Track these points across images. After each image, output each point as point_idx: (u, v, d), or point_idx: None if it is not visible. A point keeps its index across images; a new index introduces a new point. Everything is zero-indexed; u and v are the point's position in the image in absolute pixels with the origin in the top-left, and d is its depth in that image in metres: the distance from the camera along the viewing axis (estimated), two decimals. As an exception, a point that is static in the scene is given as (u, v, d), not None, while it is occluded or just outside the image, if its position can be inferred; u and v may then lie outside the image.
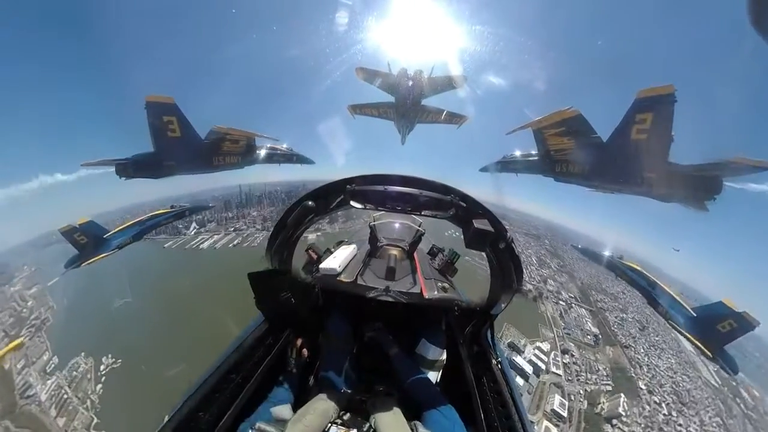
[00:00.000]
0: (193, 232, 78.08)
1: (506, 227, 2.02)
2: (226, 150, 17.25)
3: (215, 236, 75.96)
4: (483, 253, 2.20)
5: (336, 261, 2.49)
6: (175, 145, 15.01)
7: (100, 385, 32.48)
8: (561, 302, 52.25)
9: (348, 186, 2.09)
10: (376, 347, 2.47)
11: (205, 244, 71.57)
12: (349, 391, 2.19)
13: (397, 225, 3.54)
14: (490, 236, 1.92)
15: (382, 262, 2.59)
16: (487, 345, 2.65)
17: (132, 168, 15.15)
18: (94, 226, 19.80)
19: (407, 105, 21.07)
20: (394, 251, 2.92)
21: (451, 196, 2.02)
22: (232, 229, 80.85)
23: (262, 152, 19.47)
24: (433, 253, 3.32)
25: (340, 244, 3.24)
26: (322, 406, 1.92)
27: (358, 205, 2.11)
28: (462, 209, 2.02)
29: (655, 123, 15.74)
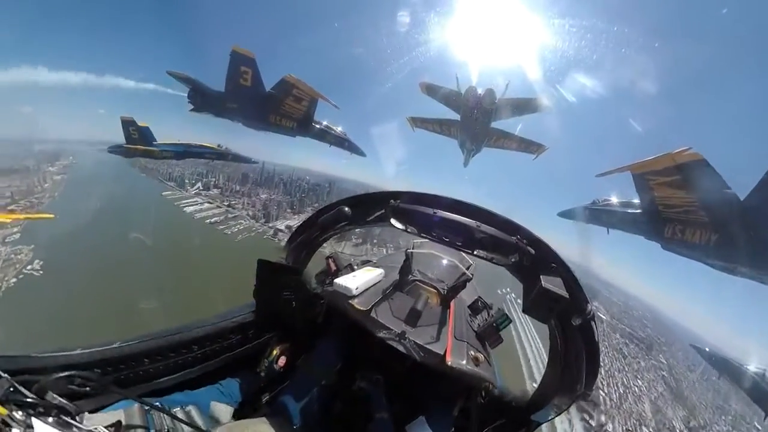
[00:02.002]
0: (193, 192, 77.39)
1: (588, 297, 1.67)
2: (286, 109, 19.32)
3: (205, 204, 72.62)
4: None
5: (354, 281, 2.12)
6: (243, 92, 18.01)
7: (15, 279, 34.71)
8: None
9: (392, 201, 1.93)
10: (361, 401, 2.09)
11: (190, 209, 69.45)
12: (300, 429, 1.88)
13: (439, 260, 2.97)
14: (562, 303, 1.56)
15: (407, 300, 2.19)
16: None
17: (201, 97, 18.47)
18: (149, 132, 23.57)
19: (474, 126, 19.99)
20: (427, 292, 2.44)
21: (517, 238, 1.72)
22: (227, 204, 76.16)
23: (317, 126, 21.09)
24: (475, 308, 2.67)
25: (365, 263, 2.91)
26: (262, 430, 1.70)
27: (399, 225, 1.94)
28: (529, 258, 1.71)
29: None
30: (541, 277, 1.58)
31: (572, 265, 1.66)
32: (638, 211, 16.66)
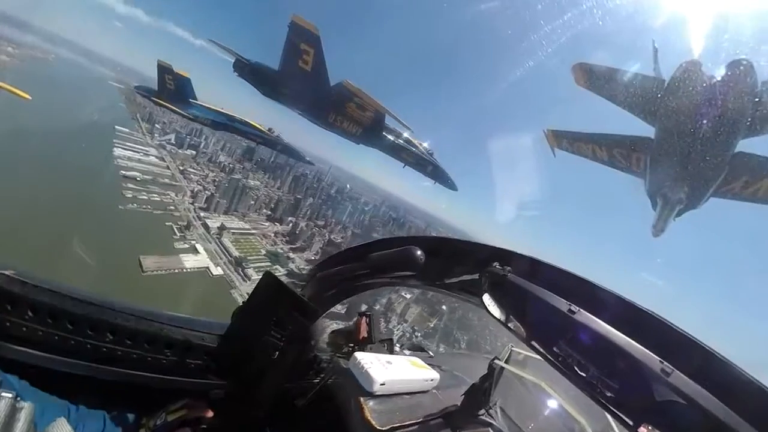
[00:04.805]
0: (157, 142, 63.67)
1: None
2: (349, 112, 14.30)
3: (150, 158, 55.31)
4: None
5: (385, 372, 1.37)
6: (300, 77, 13.84)
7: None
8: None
9: (496, 264, 1.11)
10: None
11: (121, 152, 54.28)
12: None
13: (550, 407, 1.74)
14: None
15: None
16: None
17: (249, 71, 15.20)
18: (189, 85, 20.14)
19: (693, 150, 10.00)
20: None
21: None
22: (182, 169, 56.93)
23: (390, 138, 14.91)
24: None
25: (416, 352, 2.09)
26: None
27: (496, 311, 1.07)
28: None
29: None
30: None
31: None
32: None
